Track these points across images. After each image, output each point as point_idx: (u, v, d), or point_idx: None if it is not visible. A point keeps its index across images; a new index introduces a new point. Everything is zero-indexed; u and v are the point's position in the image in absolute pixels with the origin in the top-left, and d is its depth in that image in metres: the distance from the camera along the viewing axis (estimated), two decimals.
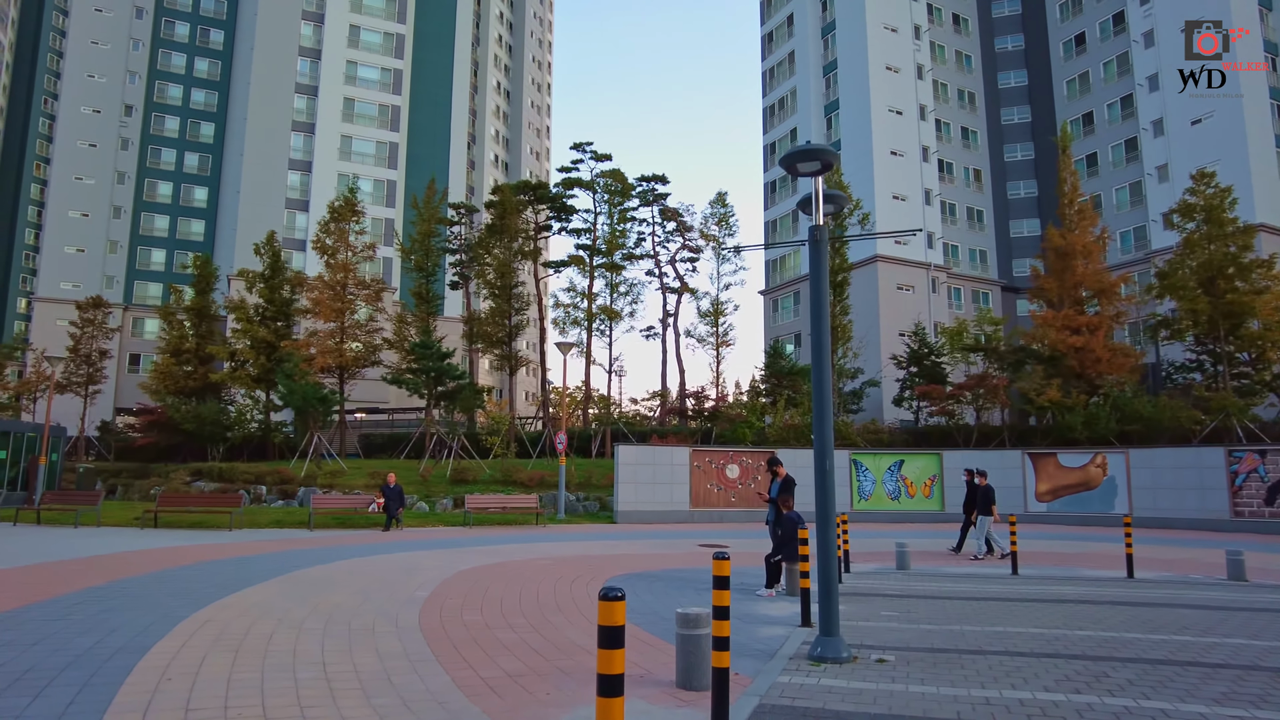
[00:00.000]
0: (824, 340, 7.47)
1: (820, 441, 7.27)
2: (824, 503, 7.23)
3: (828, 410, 7.29)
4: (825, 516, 7.20)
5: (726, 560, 5.42)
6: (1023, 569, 14.50)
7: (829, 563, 7.11)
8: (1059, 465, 23.20)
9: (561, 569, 13.11)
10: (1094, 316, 30.04)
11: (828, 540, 7.18)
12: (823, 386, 7.34)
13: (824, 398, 7.30)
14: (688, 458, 23.83)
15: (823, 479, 7.24)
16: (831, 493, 7.24)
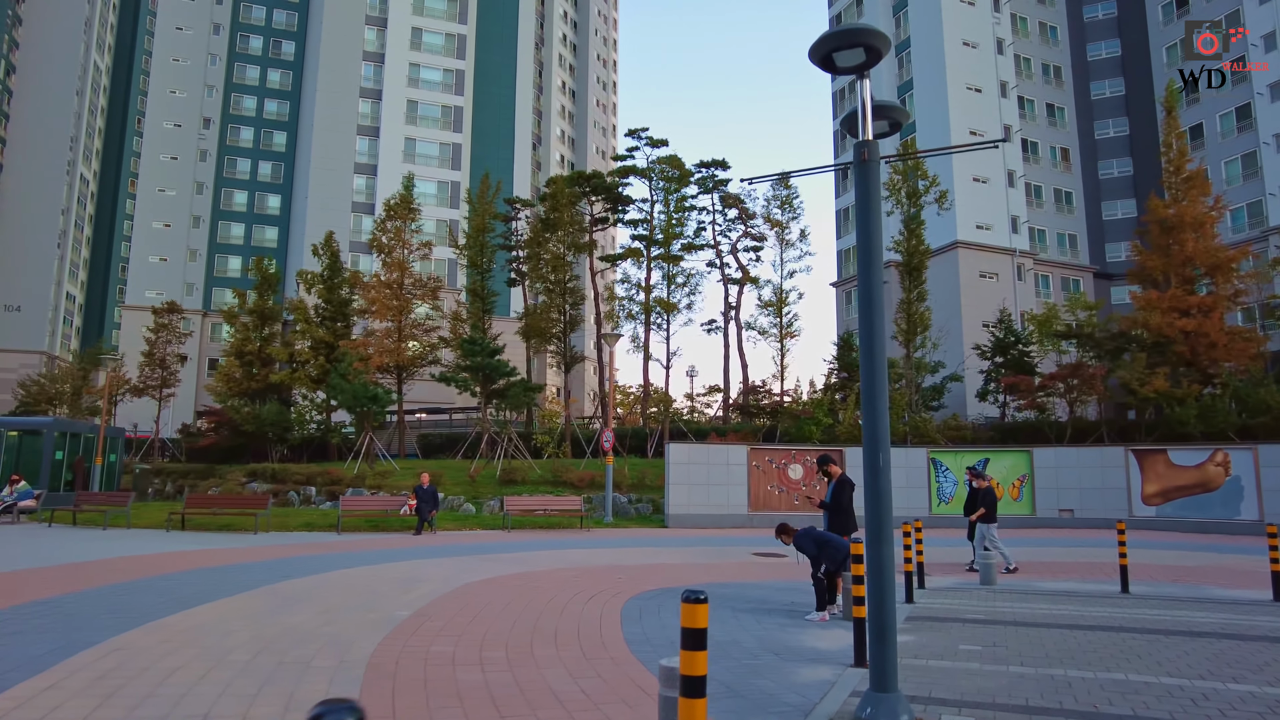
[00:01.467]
0: (874, 286, 5.57)
1: (871, 428, 5.41)
2: (876, 510, 5.39)
3: (880, 382, 5.43)
4: (878, 529, 5.36)
5: (703, 605, 3.73)
6: (1134, 585, 12.19)
7: (882, 594, 5.25)
8: (1170, 464, 20.36)
9: (584, 581, 11.50)
10: (1207, 296, 26.69)
11: (881, 563, 5.32)
12: (873, 350, 5.47)
13: (875, 366, 5.44)
14: (745, 457, 21.93)
15: (875, 479, 5.41)
16: (887, 498, 5.40)
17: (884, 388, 5.47)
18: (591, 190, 36.51)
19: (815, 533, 9.88)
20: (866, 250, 5.65)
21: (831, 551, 9.52)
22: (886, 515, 5.34)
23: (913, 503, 21.78)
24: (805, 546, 9.74)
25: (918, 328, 29.18)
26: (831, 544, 9.61)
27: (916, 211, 29.39)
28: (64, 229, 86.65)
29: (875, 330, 5.52)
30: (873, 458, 5.39)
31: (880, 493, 5.36)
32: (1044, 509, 21.27)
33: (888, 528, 5.35)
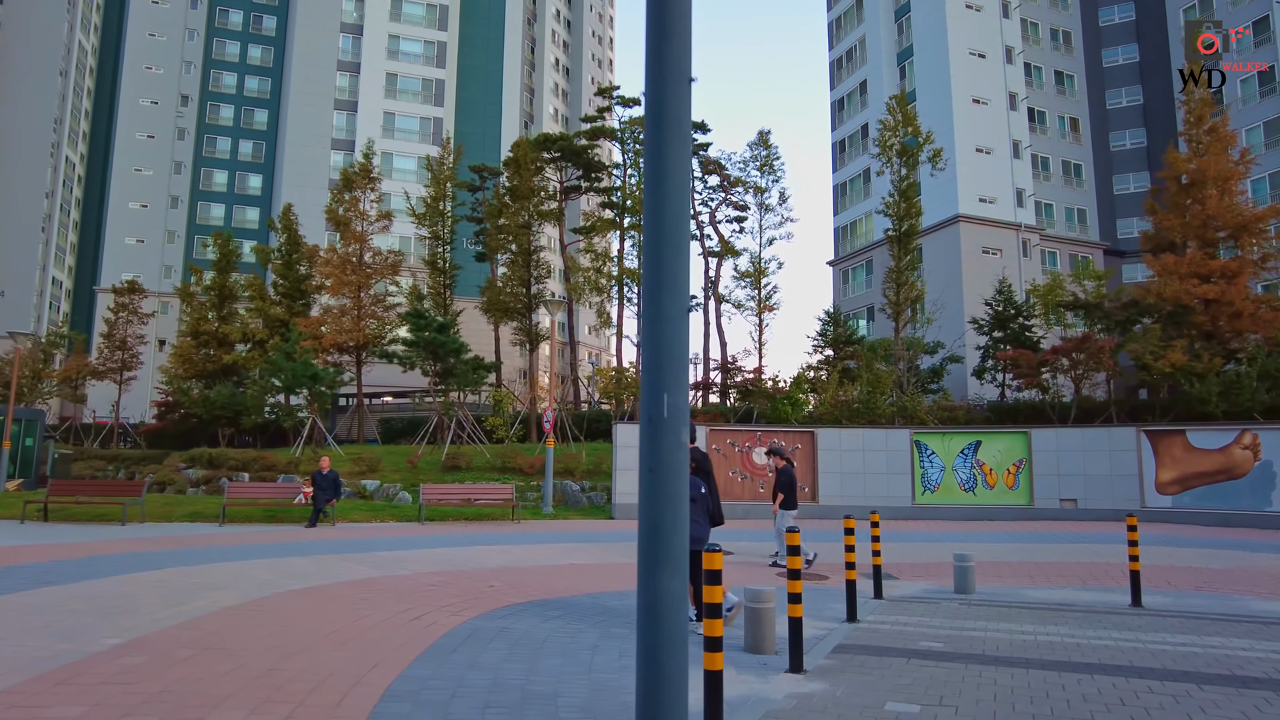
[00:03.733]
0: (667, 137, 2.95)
1: (653, 353, 2.81)
2: (653, 502, 2.78)
3: (670, 282, 2.81)
4: (654, 539, 2.76)
5: None
6: (1148, 594, 9.59)
7: (658, 672, 2.64)
8: (1189, 447, 17.66)
9: (438, 592, 8.99)
10: (1231, 261, 23.85)
11: (657, 607, 2.70)
12: (661, 227, 2.85)
13: (662, 256, 2.82)
14: (704, 438, 19.33)
15: (653, 439, 2.80)
16: (674, 476, 2.78)
17: (677, 292, 2.85)
18: (561, 155, 33.80)
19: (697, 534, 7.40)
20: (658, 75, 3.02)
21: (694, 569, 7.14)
22: (671, 514, 2.75)
23: (894, 491, 19.18)
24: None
25: (908, 300, 26.45)
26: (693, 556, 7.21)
27: (909, 171, 26.59)
28: (49, 212, 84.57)
29: (665, 199, 2.89)
30: (652, 399, 2.79)
31: (662, 468, 2.76)
32: (1043, 499, 18.63)
33: (672, 540, 2.74)
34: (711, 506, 8.11)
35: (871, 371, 24.43)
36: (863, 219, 52.73)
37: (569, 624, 7.64)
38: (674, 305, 2.94)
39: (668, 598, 2.81)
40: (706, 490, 8.01)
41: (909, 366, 27.46)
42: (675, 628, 2.80)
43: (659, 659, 2.78)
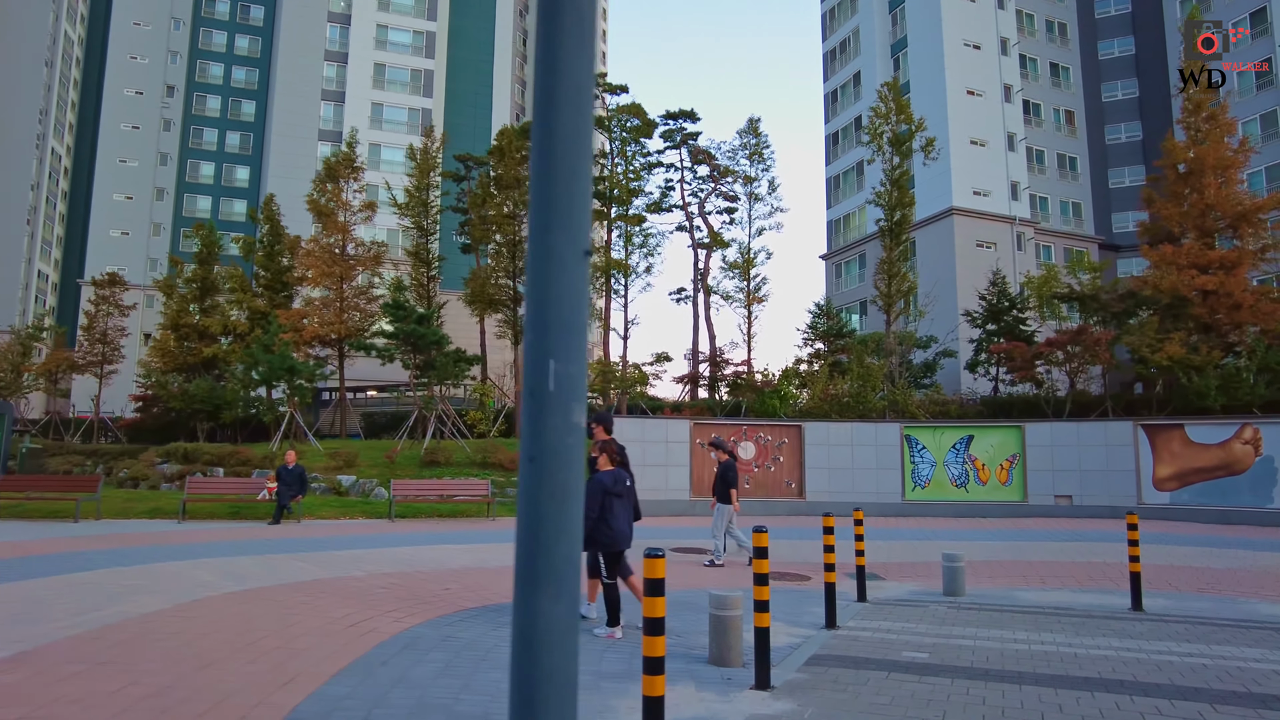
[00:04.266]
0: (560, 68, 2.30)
1: (537, 319, 2.11)
2: (533, 491, 2.09)
3: (562, 228, 2.12)
4: (534, 530, 2.08)
5: None
6: (1149, 597, 8.99)
7: (537, 695, 1.98)
8: (1187, 441, 17.08)
9: (387, 596, 8.34)
10: (1230, 251, 23.26)
11: (536, 618, 2.03)
12: (550, 174, 2.17)
13: (552, 199, 2.13)
14: (688, 433, 18.71)
15: (534, 419, 2.11)
16: (551, 469, 2.08)
17: (573, 226, 2.17)
18: None
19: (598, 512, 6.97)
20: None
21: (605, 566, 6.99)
22: (556, 515, 2.07)
23: (883, 487, 18.58)
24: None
25: (899, 293, 25.82)
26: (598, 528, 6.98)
27: (902, 161, 25.94)
28: (34, 205, 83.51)
29: (558, 104, 2.21)
30: (535, 368, 2.11)
31: (547, 456, 2.08)
32: (1037, 495, 18.05)
33: (557, 549, 2.07)
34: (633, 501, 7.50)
35: (862, 365, 23.83)
36: (856, 212, 52.12)
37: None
38: (567, 244, 2.22)
39: (551, 625, 2.10)
40: (631, 484, 7.41)
41: (901, 361, 26.89)
42: (559, 665, 2.10)
43: (536, 707, 2.07)
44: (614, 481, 7.11)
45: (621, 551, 7.09)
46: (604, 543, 6.93)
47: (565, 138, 2.21)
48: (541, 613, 2.03)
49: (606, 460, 7.29)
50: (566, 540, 2.07)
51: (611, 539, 6.96)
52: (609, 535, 6.94)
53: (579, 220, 2.20)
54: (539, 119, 2.26)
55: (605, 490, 7.02)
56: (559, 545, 2.06)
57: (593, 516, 6.84)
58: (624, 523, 7.13)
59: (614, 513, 7.01)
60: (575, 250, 2.18)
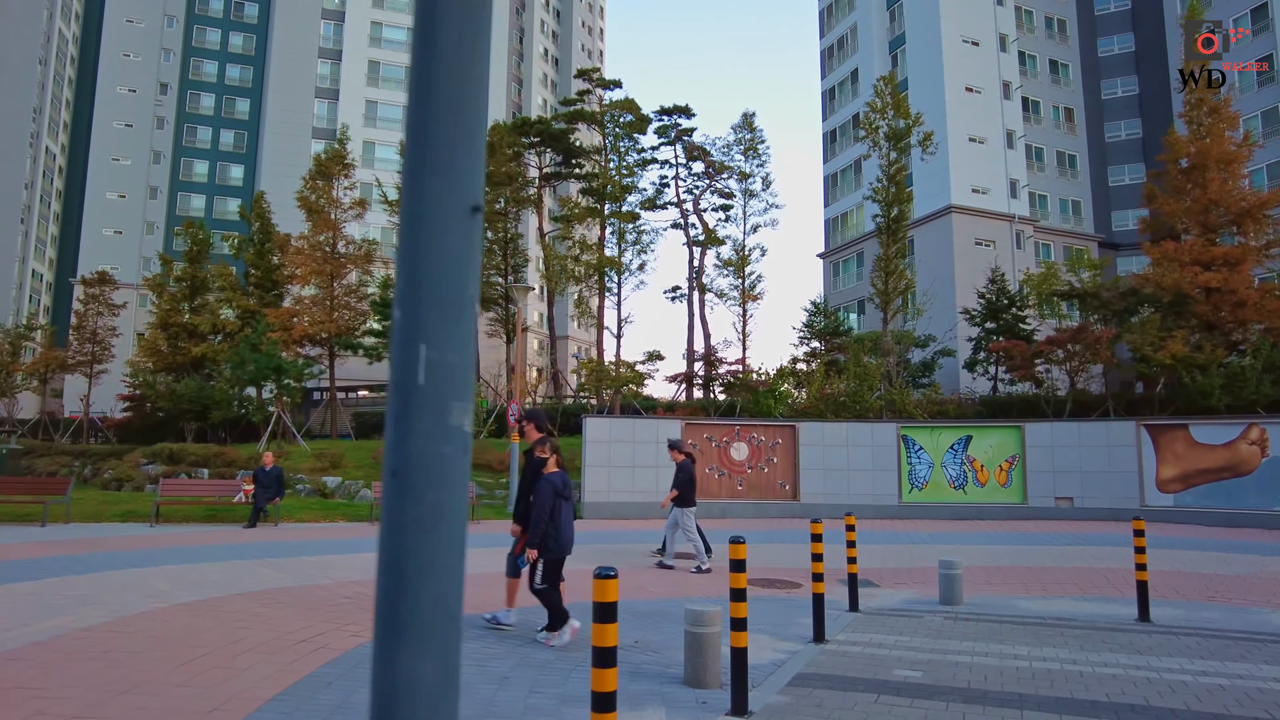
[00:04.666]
0: None
1: (408, 293, 1.61)
2: (397, 515, 1.59)
3: (439, 174, 1.62)
4: (397, 566, 1.58)
5: None
6: (1156, 606, 8.50)
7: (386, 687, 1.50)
8: (1191, 442, 16.62)
9: (344, 609, 7.87)
10: (1234, 248, 22.79)
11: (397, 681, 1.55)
12: (428, 110, 1.68)
13: (429, 141, 1.62)
14: (680, 434, 18.22)
15: (403, 423, 1.61)
16: (418, 487, 1.58)
17: (454, 175, 1.68)
18: (540, 140, 32.56)
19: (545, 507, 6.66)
20: None
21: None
22: (423, 547, 1.58)
23: (879, 488, 18.10)
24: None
25: (897, 290, 25.35)
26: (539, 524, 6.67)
27: (899, 156, 25.48)
28: (28, 204, 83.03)
29: (438, 27, 1.72)
30: (404, 353, 1.62)
31: (415, 469, 1.59)
32: (1037, 497, 17.59)
33: (423, 591, 1.58)
34: None
35: (859, 364, 23.38)
36: (854, 210, 51.69)
37: (486, 646, 6.53)
38: (447, 194, 1.70)
39: (417, 689, 1.60)
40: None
41: (899, 360, 26.44)
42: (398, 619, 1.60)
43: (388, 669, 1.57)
44: (563, 483, 6.79)
45: (563, 558, 6.79)
46: (551, 549, 6.60)
47: (448, 52, 1.70)
48: (403, 672, 1.54)
49: (556, 461, 6.93)
50: (438, 578, 1.59)
51: (560, 545, 6.64)
52: (557, 541, 6.60)
53: (465, 165, 1.69)
54: (417, 29, 1.75)
55: (556, 492, 6.66)
56: (427, 585, 1.58)
57: (545, 520, 6.51)
58: (570, 528, 6.84)
59: (562, 516, 6.67)
60: (459, 204, 1.68)
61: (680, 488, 11.25)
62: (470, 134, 1.70)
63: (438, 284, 1.64)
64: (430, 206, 1.64)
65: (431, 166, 1.66)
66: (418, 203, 1.65)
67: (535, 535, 6.51)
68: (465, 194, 1.68)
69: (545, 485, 6.60)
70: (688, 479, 11.31)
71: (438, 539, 1.60)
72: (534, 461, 7.05)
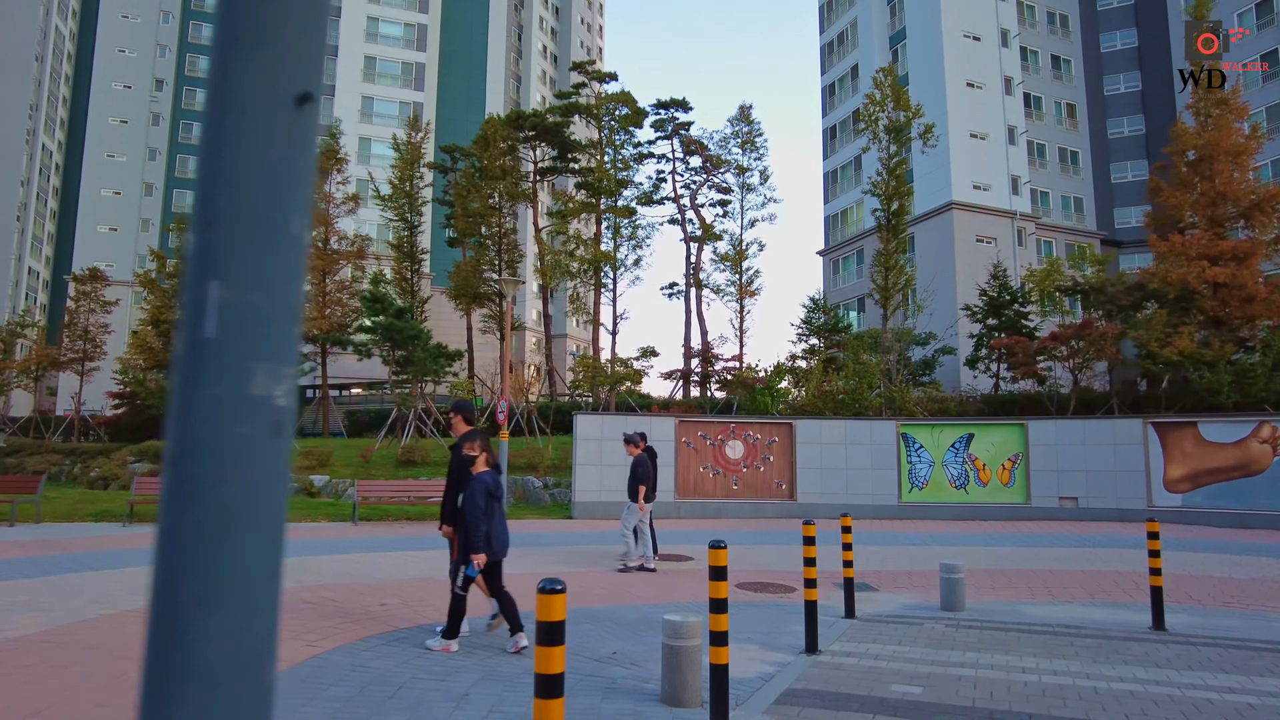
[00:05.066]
0: None
1: (204, 215, 1.12)
2: (176, 519, 1.09)
3: (246, 55, 1.13)
4: (172, 588, 1.08)
5: None
6: (1171, 613, 8.00)
7: None
8: (1200, 440, 16.12)
9: (306, 615, 7.36)
10: (1244, 241, 22.27)
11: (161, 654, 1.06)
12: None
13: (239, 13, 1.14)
14: (673, 431, 17.73)
15: (189, 390, 1.11)
16: (205, 480, 1.07)
17: (267, 56, 1.18)
18: (535, 133, 32.05)
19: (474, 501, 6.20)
20: None
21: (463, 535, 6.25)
22: (208, 564, 1.08)
23: (878, 488, 17.61)
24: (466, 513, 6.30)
25: (896, 286, 24.84)
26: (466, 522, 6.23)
27: (898, 149, 24.98)
28: (24, 201, 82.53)
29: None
30: (193, 299, 1.13)
31: (203, 455, 1.09)
32: (1040, 497, 17.09)
33: (204, 626, 1.09)
34: None
35: (858, 361, 22.90)
36: (854, 206, 51.19)
37: (449, 659, 6.03)
38: (259, 80, 1.14)
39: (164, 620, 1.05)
40: None
41: (899, 357, 25.96)
42: None
43: None
44: (495, 482, 6.33)
45: (499, 563, 6.37)
46: (488, 552, 6.13)
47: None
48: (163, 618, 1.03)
49: (486, 460, 6.44)
50: (227, 612, 1.07)
51: (496, 547, 6.21)
52: (493, 544, 6.18)
53: (290, 39, 1.17)
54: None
55: (488, 492, 6.16)
56: (210, 621, 1.05)
57: (483, 523, 6.05)
58: (503, 529, 6.40)
59: (495, 518, 6.20)
60: (278, 91, 1.15)
61: (638, 482, 10.72)
62: (295, 9, 1.18)
63: (241, 197, 1.13)
64: (239, 94, 1.13)
65: (243, 39, 1.15)
66: (224, 90, 1.13)
67: (477, 539, 6.05)
68: (288, 77, 1.17)
69: (477, 486, 6.16)
70: (645, 474, 10.76)
71: (226, 555, 1.09)
72: (462, 459, 6.63)
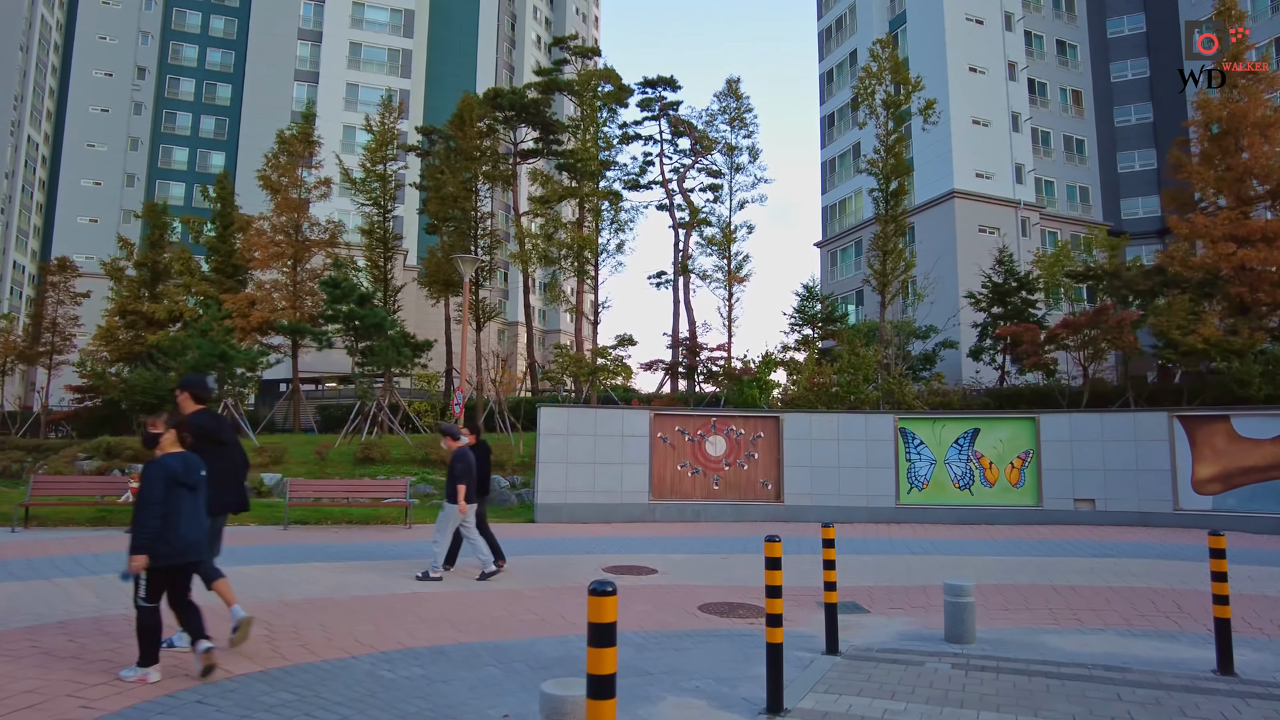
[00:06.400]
0: None
1: None
2: None
3: None
4: None
5: None
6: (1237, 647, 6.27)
7: None
8: (1234, 436, 14.46)
9: (82, 661, 5.69)
10: (1275, 221, 20.52)
11: None
12: None
13: None
14: (648, 426, 16.06)
15: None
16: None
17: None
18: (515, 113, 30.32)
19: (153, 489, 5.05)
20: None
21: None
22: None
23: (874, 488, 15.95)
24: None
25: (895, 273, 23.15)
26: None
27: (896, 125, 23.30)
28: (9, 194, 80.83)
29: None
30: None
31: None
32: (1053, 499, 15.43)
33: None
34: (213, 493, 5.63)
35: (854, 353, 21.28)
36: (852, 196, 49.55)
37: (288, 715, 4.38)
38: None
39: None
40: (211, 473, 5.48)
41: (898, 351, 24.35)
42: None
43: None
44: (184, 468, 5.09)
45: (191, 564, 5.22)
46: (164, 554, 4.95)
47: None
48: None
49: (174, 439, 5.19)
50: None
51: (178, 549, 5.04)
52: (174, 544, 4.99)
53: None
54: None
55: (173, 480, 5.00)
56: None
57: (157, 518, 4.87)
58: (195, 527, 5.21)
59: (182, 513, 5.03)
60: None
61: (456, 481, 9.12)
62: None
63: None
64: None
65: None
66: None
67: (142, 536, 4.83)
68: None
69: (154, 471, 4.98)
70: (464, 470, 9.15)
71: None
72: (149, 439, 5.49)
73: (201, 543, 5.31)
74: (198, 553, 5.23)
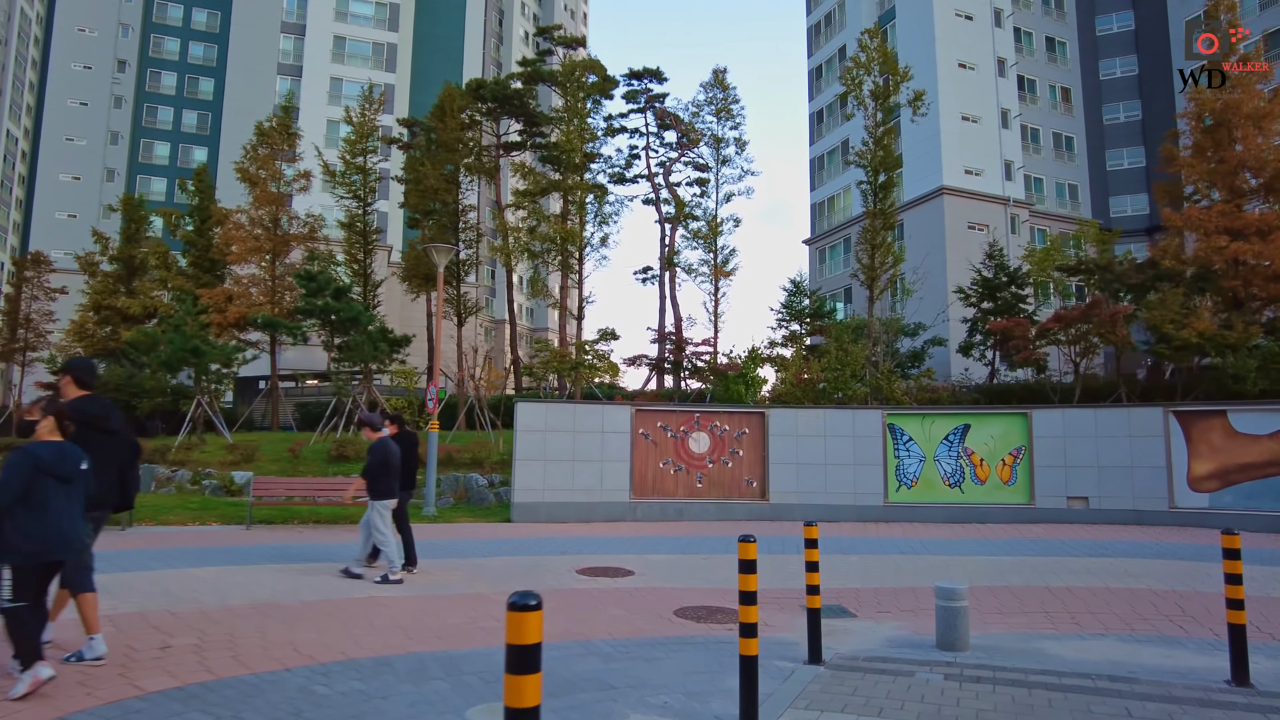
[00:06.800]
0: None
1: None
2: None
3: None
4: None
5: None
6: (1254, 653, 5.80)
7: None
8: (1230, 432, 14.06)
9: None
10: (1269, 214, 20.18)
11: None
12: None
13: None
14: (629, 421, 15.52)
15: None
16: None
17: None
18: (497, 104, 29.70)
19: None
20: None
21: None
22: None
23: (862, 486, 15.48)
24: None
25: (884, 266, 22.71)
26: None
27: (884, 116, 22.85)
28: None
29: None
30: None
31: None
32: (1046, 496, 14.99)
33: None
34: (96, 487, 5.16)
35: (842, 349, 20.83)
36: (841, 193, 49.17)
37: None
38: None
39: None
40: (94, 466, 5.04)
41: (886, 348, 23.93)
42: None
43: None
44: (56, 458, 4.71)
45: (56, 563, 4.80)
46: (25, 552, 4.51)
47: None
48: None
49: (52, 426, 4.84)
50: None
51: (39, 546, 4.57)
52: (37, 537, 4.55)
53: None
54: None
55: (38, 469, 4.58)
56: None
57: (3, 504, 4.41)
58: (66, 520, 4.75)
59: (50, 504, 4.60)
60: None
61: (370, 474, 8.60)
62: None
63: None
64: None
65: None
66: None
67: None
68: None
69: (20, 459, 4.57)
70: (379, 463, 8.63)
71: None
72: (23, 427, 5.01)
73: (75, 539, 4.83)
74: (66, 549, 4.76)
